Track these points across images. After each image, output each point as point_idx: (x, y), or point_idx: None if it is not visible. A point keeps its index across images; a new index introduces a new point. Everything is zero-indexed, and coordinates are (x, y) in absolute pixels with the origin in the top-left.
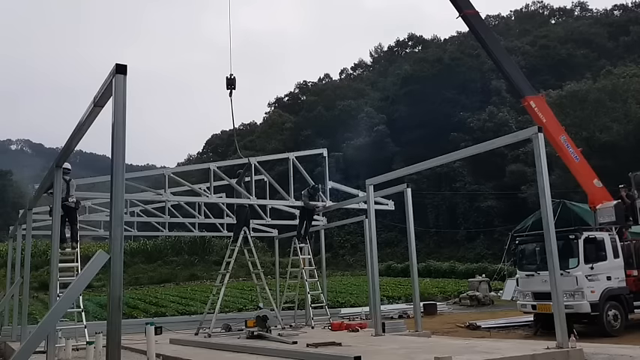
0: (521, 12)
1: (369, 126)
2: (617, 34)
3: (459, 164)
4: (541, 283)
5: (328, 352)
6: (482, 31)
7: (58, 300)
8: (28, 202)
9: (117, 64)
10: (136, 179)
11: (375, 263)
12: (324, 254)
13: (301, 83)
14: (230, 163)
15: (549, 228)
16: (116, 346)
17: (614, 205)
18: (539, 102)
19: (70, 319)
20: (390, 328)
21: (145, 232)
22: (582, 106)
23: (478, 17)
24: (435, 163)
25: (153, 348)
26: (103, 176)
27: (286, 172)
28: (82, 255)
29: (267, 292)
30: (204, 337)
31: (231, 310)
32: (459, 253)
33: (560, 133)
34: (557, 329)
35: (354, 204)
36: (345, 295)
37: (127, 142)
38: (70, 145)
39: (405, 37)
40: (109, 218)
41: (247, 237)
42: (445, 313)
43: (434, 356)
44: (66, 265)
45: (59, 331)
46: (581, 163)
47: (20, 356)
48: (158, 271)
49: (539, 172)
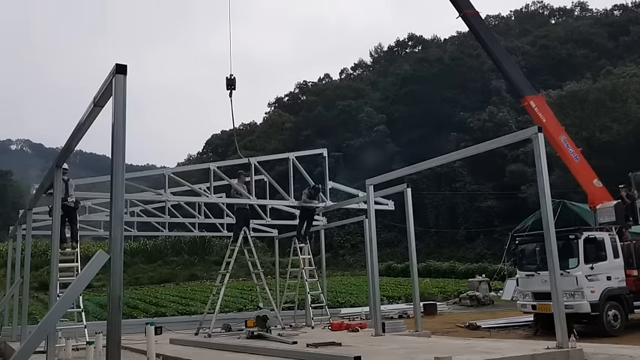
0: (521, 12)
1: (369, 126)
2: (617, 34)
3: (459, 164)
4: (541, 283)
5: (328, 352)
6: (483, 31)
7: (58, 300)
8: (28, 202)
9: (117, 64)
10: (136, 179)
11: (375, 263)
12: (324, 254)
13: (301, 83)
14: (230, 163)
15: (549, 228)
16: (116, 346)
17: (614, 205)
18: (539, 102)
19: (70, 319)
20: (390, 328)
21: (145, 232)
22: (582, 106)
23: (478, 17)
24: (435, 163)
25: (153, 348)
26: (103, 176)
27: (286, 172)
28: (82, 255)
29: (267, 292)
30: (204, 337)
31: (231, 310)
32: (459, 253)
33: (560, 133)
34: (557, 329)
35: (354, 204)
36: (345, 295)
37: (127, 142)
38: (70, 145)
39: (405, 37)
40: (109, 218)
41: (247, 237)
42: (445, 313)
43: (434, 356)
44: (66, 265)
45: (59, 331)
46: (581, 163)
47: (20, 356)
48: (158, 271)
49: (539, 172)
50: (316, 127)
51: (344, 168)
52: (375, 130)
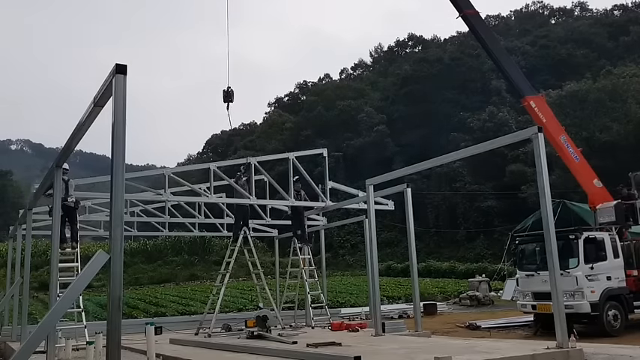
0: (521, 12)
1: (369, 126)
2: (617, 34)
3: (459, 164)
4: (541, 283)
5: (328, 352)
6: (483, 31)
7: (58, 300)
8: (28, 202)
9: (117, 64)
10: (136, 179)
11: (375, 263)
12: (324, 254)
13: (301, 83)
14: (230, 163)
15: (549, 228)
16: (116, 346)
17: (614, 205)
18: (539, 102)
19: (70, 319)
20: (390, 328)
21: (145, 232)
22: (582, 106)
23: (478, 17)
24: (435, 163)
25: (153, 348)
26: (103, 176)
27: (286, 172)
28: (82, 255)
29: (267, 292)
30: (204, 337)
31: (231, 310)
32: (459, 253)
33: (560, 133)
34: (557, 329)
35: (354, 204)
36: (345, 295)
37: (127, 142)
38: (70, 145)
39: (405, 37)
40: (109, 218)
41: (247, 237)
42: (445, 313)
43: (434, 356)
44: (66, 265)
45: (59, 331)
46: (581, 163)
47: (20, 356)
48: (158, 271)
49: (539, 172)
50: (316, 127)
51: (344, 168)
52: (375, 130)
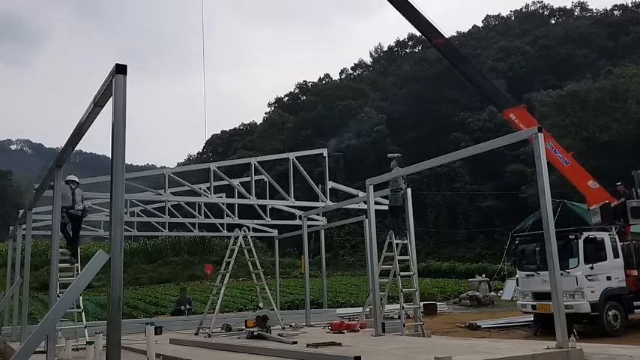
0: (521, 12)
1: (369, 126)
2: (617, 34)
3: (459, 164)
4: (541, 283)
5: (328, 352)
6: (453, 57)
7: (58, 300)
8: (28, 202)
9: (117, 64)
10: (136, 179)
11: (375, 263)
12: (324, 254)
13: (301, 83)
14: (230, 163)
15: (549, 228)
16: (116, 346)
17: (600, 207)
18: (519, 113)
19: (70, 319)
20: (390, 328)
21: (145, 232)
22: (582, 106)
23: (449, 44)
24: (435, 163)
25: (153, 348)
26: (103, 176)
27: (286, 172)
28: (82, 255)
29: (267, 292)
30: (204, 337)
31: (231, 310)
32: (459, 253)
33: (546, 140)
34: (557, 329)
35: (354, 204)
36: (345, 295)
37: (127, 142)
38: (70, 145)
39: (405, 37)
40: (109, 218)
41: (247, 237)
42: (445, 313)
43: (434, 356)
44: (66, 265)
45: (59, 331)
46: (571, 166)
47: (20, 356)
48: (158, 271)
49: (539, 172)
50: (316, 127)
51: (344, 168)
52: (375, 130)
